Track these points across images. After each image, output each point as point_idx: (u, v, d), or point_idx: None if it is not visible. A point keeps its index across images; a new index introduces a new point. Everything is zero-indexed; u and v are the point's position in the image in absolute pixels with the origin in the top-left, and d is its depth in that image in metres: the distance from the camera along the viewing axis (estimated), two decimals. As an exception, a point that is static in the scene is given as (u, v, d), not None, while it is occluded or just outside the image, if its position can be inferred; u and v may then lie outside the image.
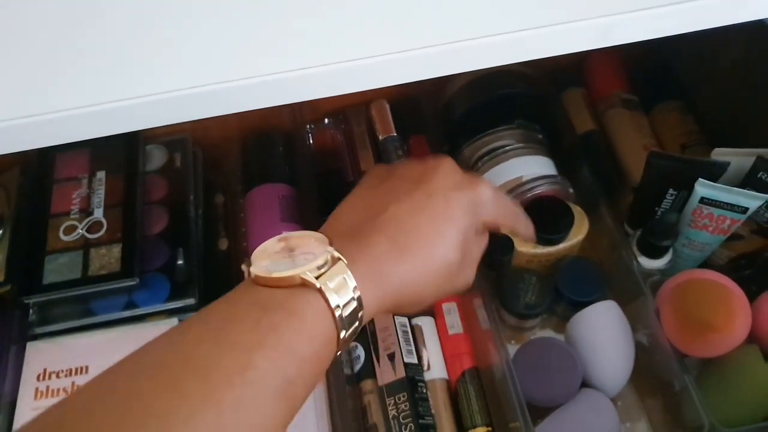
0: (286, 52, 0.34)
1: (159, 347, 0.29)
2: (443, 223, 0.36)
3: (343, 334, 0.31)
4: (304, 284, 0.30)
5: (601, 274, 0.55)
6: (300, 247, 0.33)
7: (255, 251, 0.33)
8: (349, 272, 0.31)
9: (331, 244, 0.32)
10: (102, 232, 0.56)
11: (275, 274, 0.30)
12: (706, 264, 0.55)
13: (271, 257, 0.33)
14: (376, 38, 0.34)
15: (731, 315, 0.45)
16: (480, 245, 0.40)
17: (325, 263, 0.31)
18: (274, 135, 0.66)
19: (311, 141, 0.64)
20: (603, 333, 0.52)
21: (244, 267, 0.33)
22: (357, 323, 0.32)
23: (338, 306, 0.31)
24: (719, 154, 0.51)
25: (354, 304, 0.31)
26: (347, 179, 0.61)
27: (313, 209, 0.59)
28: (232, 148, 0.68)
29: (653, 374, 0.53)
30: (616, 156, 0.61)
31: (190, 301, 0.55)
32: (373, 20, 0.35)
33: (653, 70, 0.65)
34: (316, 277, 0.30)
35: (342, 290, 0.31)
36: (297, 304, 0.30)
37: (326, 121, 0.64)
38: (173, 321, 0.53)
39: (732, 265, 0.54)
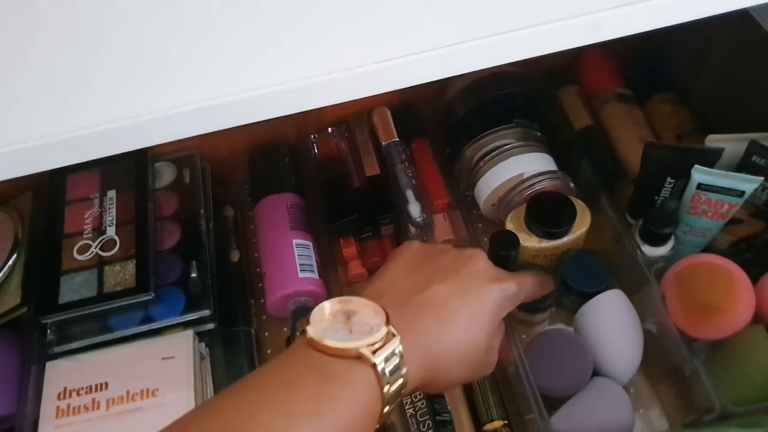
0: (284, 64, 0.35)
1: (225, 410, 0.31)
2: (478, 309, 0.38)
3: (386, 408, 0.33)
4: (360, 358, 0.32)
5: (606, 265, 0.56)
6: (358, 315, 0.34)
7: (314, 310, 0.34)
8: (402, 351, 0.33)
9: (388, 321, 0.34)
10: (115, 250, 0.57)
11: (334, 344, 0.32)
12: (708, 249, 0.56)
13: (329, 321, 0.34)
14: (369, 46, 0.35)
15: (734, 296, 0.46)
16: (500, 334, 0.42)
17: (381, 339, 0.33)
18: (279, 146, 0.67)
19: (316, 150, 0.65)
20: (611, 321, 0.53)
21: (299, 325, 0.34)
22: (399, 398, 0.34)
23: (388, 383, 0.32)
24: (713, 140, 0.52)
25: (401, 380, 0.33)
26: (353, 185, 0.63)
27: (320, 217, 0.61)
28: (240, 162, 0.70)
29: (663, 361, 0.54)
30: (614, 149, 0.63)
31: (206, 312, 0.56)
32: (365, 29, 0.36)
33: (646, 63, 0.67)
34: (373, 352, 0.32)
35: (393, 367, 0.33)
36: (352, 377, 0.32)
37: (330, 130, 0.66)
38: (189, 333, 0.54)
39: (733, 249, 0.55)
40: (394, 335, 0.33)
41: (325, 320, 0.34)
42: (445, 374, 0.37)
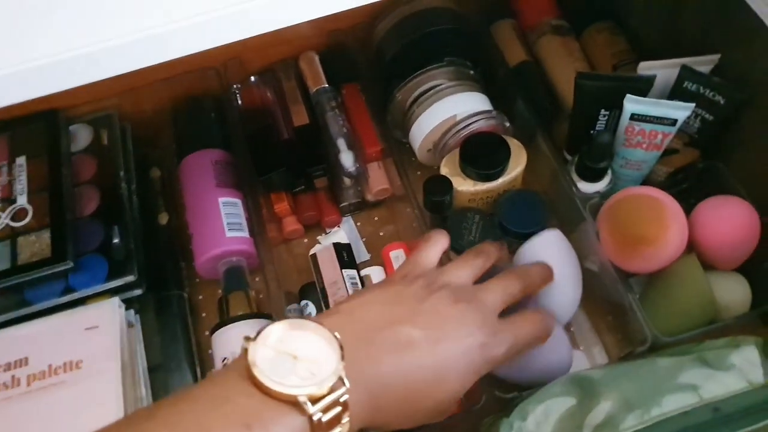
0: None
1: None
2: (460, 365, 0.35)
3: None
4: (297, 406, 0.29)
5: (542, 204, 0.55)
6: (307, 347, 0.31)
7: (262, 333, 0.32)
8: (347, 400, 0.30)
9: (342, 359, 0.31)
10: (28, 219, 0.54)
11: (269, 384, 0.29)
12: (645, 182, 0.55)
13: (274, 350, 0.31)
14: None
15: (664, 226, 0.45)
16: (468, 385, 0.37)
17: (327, 388, 0.30)
18: (202, 100, 0.63)
19: (240, 101, 0.61)
20: (548, 262, 0.51)
21: (244, 343, 0.31)
22: None
23: None
24: (645, 68, 0.50)
25: (338, 429, 0.30)
26: (281, 137, 0.59)
27: (247, 171, 0.58)
28: (166, 120, 0.66)
29: (603, 297, 0.54)
30: (551, 84, 0.60)
31: (130, 278, 0.53)
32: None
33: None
34: (313, 401, 0.29)
35: (332, 416, 0.30)
36: (279, 426, 0.29)
37: (252, 79, 0.62)
38: (113, 300, 0.52)
39: (670, 180, 0.54)
40: (342, 382, 0.30)
41: (270, 347, 0.31)
42: (393, 422, 0.35)
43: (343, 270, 0.54)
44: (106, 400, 0.47)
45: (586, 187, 0.53)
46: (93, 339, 0.50)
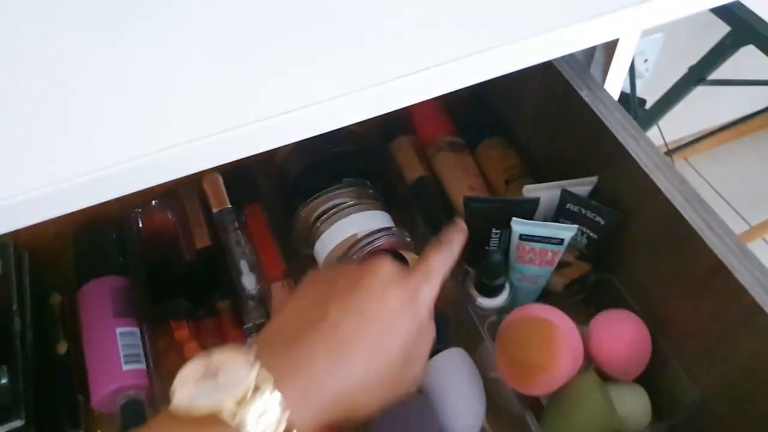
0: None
1: None
2: (384, 326, 0.34)
3: None
4: (224, 424, 0.29)
5: (446, 321, 0.55)
6: (223, 369, 0.31)
7: (177, 378, 0.31)
8: (275, 397, 0.30)
9: (258, 360, 0.31)
10: None
11: (193, 409, 0.29)
12: (544, 293, 0.57)
13: (195, 383, 0.31)
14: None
15: (554, 352, 0.46)
16: (427, 338, 0.38)
17: (248, 391, 0.29)
18: (102, 225, 0.62)
19: (141, 225, 0.60)
20: (449, 382, 0.51)
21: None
22: None
23: None
24: (530, 190, 0.52)
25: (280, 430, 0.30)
26: (183, 260, 0.59)
27: (146, 299, 0.56)
28: (67, 243, 0.64)
29: (509, 412, 0.53)
30: (449, 198, 0.62)
31: (17, 423, 0.49)
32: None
33: (475, 110, 0.67)
34: (237, 408, 0.29)
35: (266, 419, 0.29)
36: None
37: (154, 203, 0.62)
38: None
39: (567, 291, 0.56)
40: (265, 381, 0.30)
41: (190, 383, 0.31)
42: (357, 407, 0.34)
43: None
44: None
45: (485, 302, 0.54)
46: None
